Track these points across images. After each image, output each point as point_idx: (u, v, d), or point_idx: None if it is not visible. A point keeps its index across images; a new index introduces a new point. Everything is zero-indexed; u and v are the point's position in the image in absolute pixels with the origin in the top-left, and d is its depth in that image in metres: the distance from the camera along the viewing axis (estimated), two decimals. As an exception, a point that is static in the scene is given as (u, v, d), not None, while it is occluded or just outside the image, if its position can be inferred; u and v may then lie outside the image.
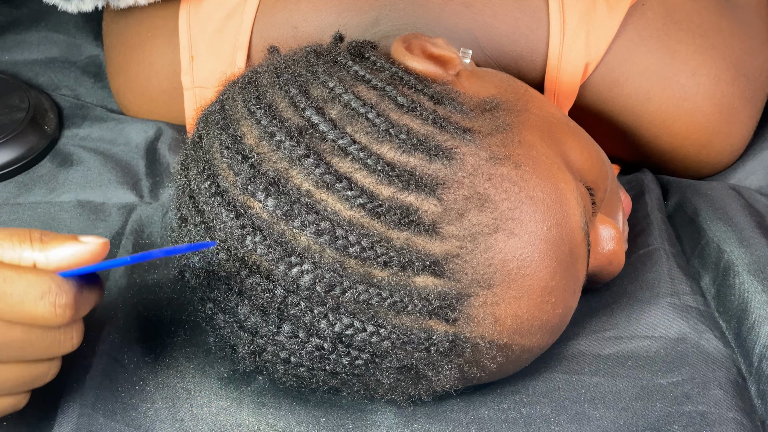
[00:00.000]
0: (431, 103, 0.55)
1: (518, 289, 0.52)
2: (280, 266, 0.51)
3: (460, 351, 0.53)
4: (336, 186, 0.51)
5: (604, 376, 0.60)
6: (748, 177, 0.79)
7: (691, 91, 0.74)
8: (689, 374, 0.60)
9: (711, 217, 0.72)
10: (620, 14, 0.72)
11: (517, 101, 0.59)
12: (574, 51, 0.72)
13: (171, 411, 0.58)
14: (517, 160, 0.54)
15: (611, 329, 0.64)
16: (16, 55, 0.91)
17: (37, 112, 0.82)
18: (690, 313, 0.64)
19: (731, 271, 0.66)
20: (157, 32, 0.78)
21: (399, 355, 0.52)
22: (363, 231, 0.50)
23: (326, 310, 0.51)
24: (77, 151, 0.80)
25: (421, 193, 0.51)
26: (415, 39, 0.59)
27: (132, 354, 0.60)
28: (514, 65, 0.73)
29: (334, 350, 0.52)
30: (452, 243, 0.51)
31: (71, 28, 0.94)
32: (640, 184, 0.78)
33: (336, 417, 0.58)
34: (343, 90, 0.54)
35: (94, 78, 0.90)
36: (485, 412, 0.58)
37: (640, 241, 0.71)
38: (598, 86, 0.74)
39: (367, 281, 0.51)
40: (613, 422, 0.57)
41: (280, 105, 0.54)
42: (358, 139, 0.52)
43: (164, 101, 0.81)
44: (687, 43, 0.74)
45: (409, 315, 0.51)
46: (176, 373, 0.60)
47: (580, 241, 0.56)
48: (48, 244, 0.50)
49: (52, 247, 0.50)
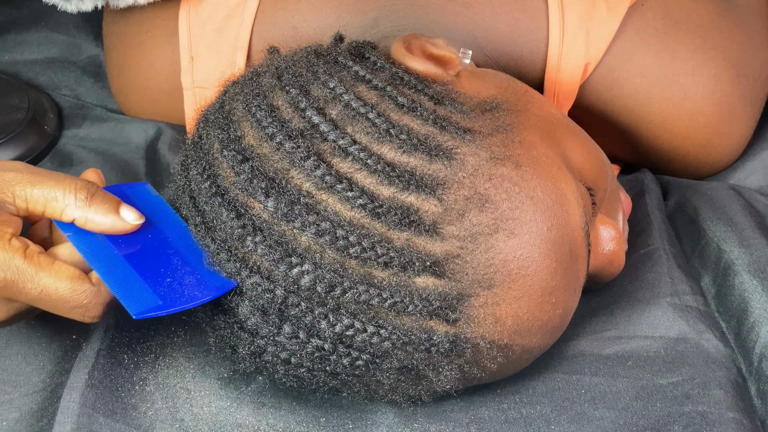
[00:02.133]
0: (431, 103, 0.55)
1: (519, 290, 0.52)
2: (280, 267, 0.51)
3: (461, 351, 0.53)
4: (336, 186, 0.51)
5: (604, 376, 0.60)
6: (748, 177, 0.79)
7: (690, 91, 0.74)
8: (689, 374, 0.60)
9: (711, 217, 0.72)
10: (620, 14, 0.72)
11: (517, 101, 0.59)
12: (574, 51, 0.72)
13: (171, 411, 0.58)
14: (517, 161, 0.54)
15: (611, 329, 0.64)
16: (16, 55, 0.91)
17: (37, 112, 0.82)
18: (690, 313, 0.64)
19: (731, 271, 0.66)
20: (157, 32, 0.78)
21: (399, 355, 0.52)
22: (363, 231, 0.50)
23: (327, 311, 0.51)
24: (77, 151, 0.80)
25: (422, 194, 0.51)
26: (415, 39, 0.59)
27: (132, 354, 0.60)
28: (514, 65, 0.73)
29: (334, 351, 0.52)
30: (453, 243, 0.51)
31: (71, 28, 0.94)
32: (640, 184, 0.78)
33: (336, 417, 0.58)
34: (343, 90, 0.54)
35: (94, 78, 0.90)
36: (485, 412, 0.58)
37: (640, 241, 0.71)
38: (598, 86, 0.74)
39: (367, 282, 0.51)
40: (613, 422, 0.57)
41: (280, 105, 0.54)
42: (358, 139, 0.52)
43: (164, 101, 0.81)
44: (687, 43, 0.74)
45: (409, 315, 0.51)
46: (176, 373, 0.60)
47: (581, 242, 0.56)
48: (91, 207, 0.54)
49: (94, 211, 0.54)
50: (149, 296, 0.52)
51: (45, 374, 0.59)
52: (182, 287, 0.53)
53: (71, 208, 0.54)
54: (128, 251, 0.54)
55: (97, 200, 0.54)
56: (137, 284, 0.52)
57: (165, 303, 0.52)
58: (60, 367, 0.59)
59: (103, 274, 0.53)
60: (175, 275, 0.54)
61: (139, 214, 0.55)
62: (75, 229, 0.54)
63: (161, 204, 0.60)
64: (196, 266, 0.54)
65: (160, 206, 0.59)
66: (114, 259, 0.54)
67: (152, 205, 0.59)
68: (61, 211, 0.54)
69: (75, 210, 0.54)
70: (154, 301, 0.52)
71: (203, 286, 0.53)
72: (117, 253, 0.54)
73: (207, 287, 0.53)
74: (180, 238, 0.57)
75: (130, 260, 0.54)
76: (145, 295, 0.52)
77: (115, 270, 0.53)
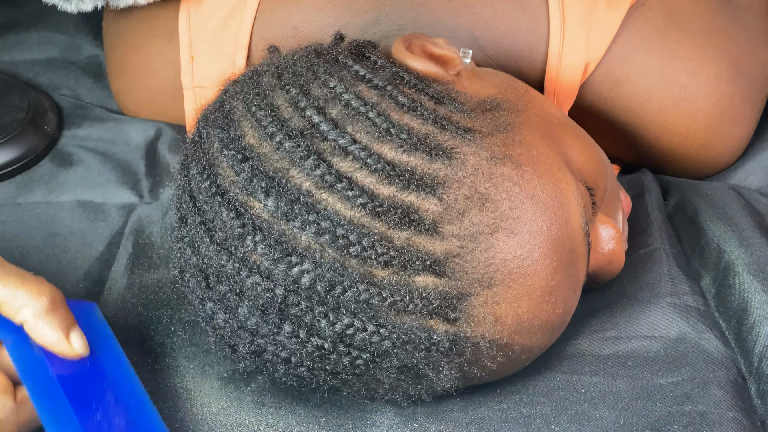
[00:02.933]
0: (432, 102, 0.55)
1: (519, 289, 0.52)
2: (280, 266, 0.51)
3: (461, 350, 0.53)
4: (336, 186, 0.51)
5: (604, 376, 0.60)
6: (748, 177, 0.79)
7: (691, 91, 0.74)
8: (689, 374, 0.60)
9: (711, 217, 0.72)
10: (620, 14, 0.72)
11: (517, 101, 0.59)
12: (574, 51, 0.72)
13: (171, 411, 0.58)
14: (517, 160, 0.54)
15: (611, 329, 0.64)
16: (16, 55, 0.91)
17: (37, 112, 0.82)
18: (690, 313, 0.64)
19: (731, 271, 0.66)
20: (157, 32, 0.78)
21: (399, 354, 0.52)
22: (363, 231, 0.50)
23: (327, 310, 0.51)
24: (77, 151, 0.80)
25: (422, 193, 0.51)
26: (416, 39, 0.59)
27: (132, 354, 0.60)
28: (515, 65, 0.73)
29: (334, 350, 0.52)
30: (453, 242, 0.51)
31: (71, 28, 0.94)
32: (640, 184, 0.78)
33: (336, 417, 0.58)
34: (343, 90, 0.54)
35: (94, 78, 0.90)
36: (485, 412, 0.58)
37: (640, 241, 0.71)
38: (598, 86, 0.74)
39: (367, 281, 0.51)
40: (613, 422, 0.57)
41: (280, 105, 0.54)
42: (358, 138, 0.52)
43: (164, 101, 0.81)
44: (687, 42, 0.74)
45: (409, 314, 0.51)
46: (176, 373, 0.60)
47: (581, 241, 0.56)
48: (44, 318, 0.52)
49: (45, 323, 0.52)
50: (76, 429, 0.49)
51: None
52: (111, 428, 0.51)
53: (27, 309, 0.51)
54: (62, 372, 0.52)
55: (56, 313, 0.52)
56: (66, 413, 0.50)
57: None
58: (60, 367, 0.59)
59: (33, 393, 0.50)
60: (105, 413, 0.52)
61: (86, 345, 0.53)
62: (16, 337, 0.52)
63: (105, 331, 0.58)
64: (129, 409, 0.53)
65: (103, 333, 0.57)
66: (47, 379, 0.51)
67: (96, 329, 0.57)
68: (16, 310, 0.51)
69: (30, 313, 0.51)
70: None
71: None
72: (51, 372, 0.51)
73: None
74: (118, 373, 0.55)
75: (63, 383, 0.51)
76: (72, 427, 0.49)
77: (46, 392, 0.50)
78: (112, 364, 0.56)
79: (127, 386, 0.55)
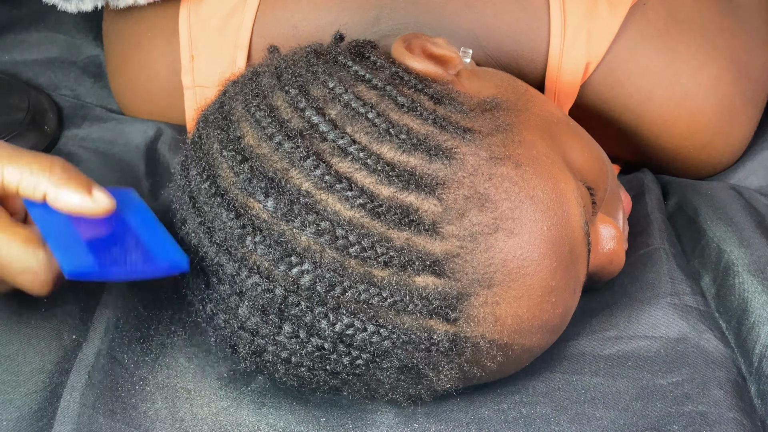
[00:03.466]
0: (431, 102, 0.55)
1: (518, 289, 0.52)
2: (280, 266, 0.51)
3: (461, 350, 0.53)
4: (336, 186, 0.51)
5: (604, 376, 0.60)
6: (749, 177, 0.79)
7: (692, 91, 0.74)
8: (689, 374, 0.60)
9: (711, 217, 0.72)
10: (621, 14, 0.72)
11: (517, 101, 0.59)
12: (575, 50, 0.72)
13: (171, 411, 0.58)
14: (517, 160, 0.54)
15: (611, 329, 0.64)
16: (16, 55, 0.91)
17: (37, 112, 0.82)
18: (690, 313, 0.64)
19: (731, 271, 0.66)
20: (157, 32, 0.78)
21: (399, 354, 0.52)
22: (363, 231, 0.50)
23: (327, 310, 0.51)
24: (77, 151, 0.80)
25: (421, 193, 0.51)
26: (416, 39, 0.59)
27: (132, 354, 0.60)
28: (515, 64, 0.73)
29: (334, 350, 0.52)
30: (452, 243, 0.51)
31: (71, 28, 0.94)
32: (640, 184, 0.78)
33: (336, 417, 0.58)
34: (343, 90, 0.54)
35: (94, 78, 0.90)
36: (485, 412, 0.58)
37: (640, 241, 0.71)
38: (599, 86, 0.74)
39: (367, 281, 0.51)
40: (613, 422, 0.57)
41: (280, 105, 0.54)
42: (358, 139, 0.52)
43: (164, 101, 0.81)
44: (688, 42, 0.74)
45: (409, 315, 0.51)
46: (176, 373, 0.60)
47: (581, 241, 0.56)
48: (63, 185, 0.53)
49: (65, 188, 0.53)
50: (86, 256, 0.50)
51: (45, 374, 0.59)
52: (126, 256, 0.51)
53: (44, 183, 0.53)
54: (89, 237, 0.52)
55: (71, 177, 0.53)
56: (77, 244, 0.51)
57: (101, 266, 0.50)
58: (60, 367, 0.59)
59: (47, 235, 0.51)
60: (123, 246, 0.52)
61: (110, 198, 0.53)
62: (41, 209, 0.52)
63: (142, 207, 0.58)
64: (150, 247, 0.53)
65: (140, 208, 0.58)
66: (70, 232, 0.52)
67: (137, 210, 0.57)
68: (34, 186, 0.53)
69: (48, 185, 0.52)
70: (89, 261, 0.49)
71: (150, 263, 0.51)
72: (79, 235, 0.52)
73: (154, 264, 0.51)
74: (146, 230, 0.55)
75: (89, 244, 0.52)
76: (82, 254, 0.50)
77: (61, 232, 0.51)
78: (142, 224, 0.55)
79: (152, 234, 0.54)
